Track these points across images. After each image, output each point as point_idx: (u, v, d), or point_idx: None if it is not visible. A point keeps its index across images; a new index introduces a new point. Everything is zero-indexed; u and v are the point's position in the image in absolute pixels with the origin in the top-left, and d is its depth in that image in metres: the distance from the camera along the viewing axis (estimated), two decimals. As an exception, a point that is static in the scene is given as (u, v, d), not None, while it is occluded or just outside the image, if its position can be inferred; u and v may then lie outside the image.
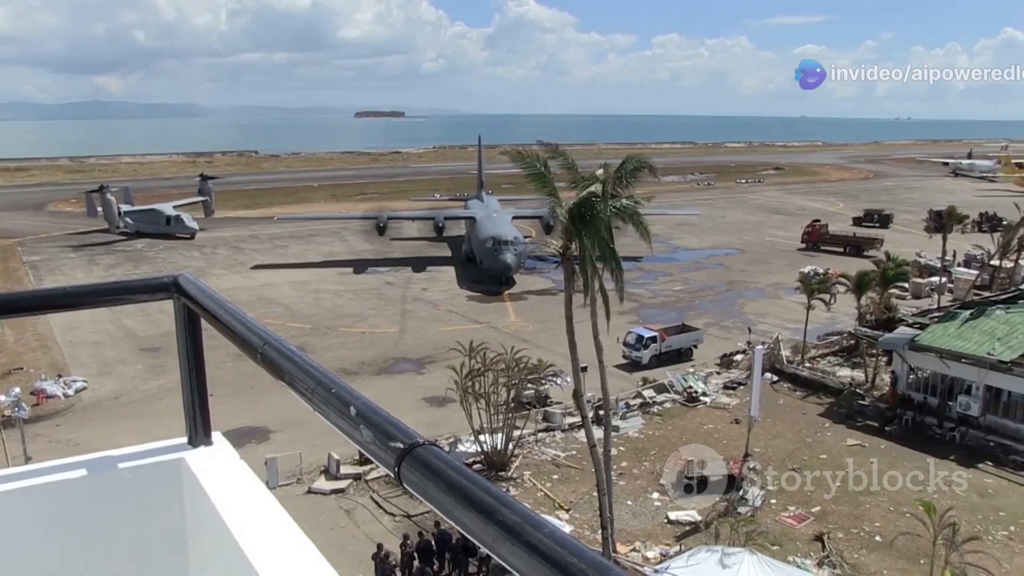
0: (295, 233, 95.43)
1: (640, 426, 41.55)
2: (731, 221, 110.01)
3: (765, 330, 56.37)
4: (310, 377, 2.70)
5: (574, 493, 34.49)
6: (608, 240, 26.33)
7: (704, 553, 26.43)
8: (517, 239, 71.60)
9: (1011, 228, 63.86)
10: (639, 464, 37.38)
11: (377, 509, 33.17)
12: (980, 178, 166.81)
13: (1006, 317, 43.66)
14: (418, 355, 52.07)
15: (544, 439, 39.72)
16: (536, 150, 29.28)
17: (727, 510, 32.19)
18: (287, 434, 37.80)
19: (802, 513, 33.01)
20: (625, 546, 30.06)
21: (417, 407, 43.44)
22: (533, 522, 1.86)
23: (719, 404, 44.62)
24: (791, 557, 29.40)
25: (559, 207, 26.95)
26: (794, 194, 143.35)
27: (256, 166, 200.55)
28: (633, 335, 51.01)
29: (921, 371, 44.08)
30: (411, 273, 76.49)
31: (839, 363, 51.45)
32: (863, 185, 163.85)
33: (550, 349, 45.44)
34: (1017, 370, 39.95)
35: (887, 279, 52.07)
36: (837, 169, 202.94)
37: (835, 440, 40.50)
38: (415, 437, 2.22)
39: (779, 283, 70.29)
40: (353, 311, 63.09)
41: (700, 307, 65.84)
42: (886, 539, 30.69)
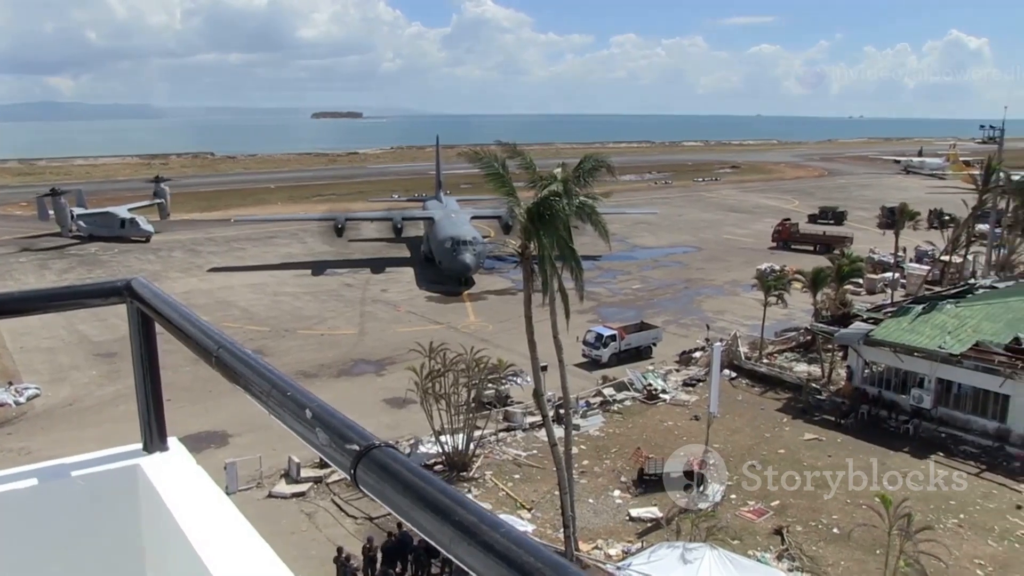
0: (252, 235, 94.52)
1: (601, 424, 41.72)
2: (689, 219, 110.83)
3: (723, 327, 56.89)
4: (265, 380, 2.67)
5: (536, 492, 34.53)
6: (567, 239, 26.40)
7: (665, 549, 26.63)
8: (476, 239, 71.58)
9: (960, 224, 65.06)
10: (600, 462, 37.53)
11: (338, 512, 32.97)
12: (930, 175, 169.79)
13: (956, 311, 44.50)
14: (378, 356, 51.83)
15: (505, 439, 39.74)
16: (494, 150, 29.28)
17: (688, 506, 32.41)
18: (246, 438, 37.43)
19: (761, 507, 33.34)
20: (587, 544, 30.16)
21: (378, 409, 43.24)
22: (489, 522, 1.86)
23: (679, 401, 44.93)
24: (751, 551, 29.68)
25: (518, 207, 26.97)
26: (750, 192, 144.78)
27: (212, 168, 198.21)
28: (593, 334, 51.19)
29: (876, 365, 44.74)
30: (370, 274, 76.11)
31: (796, 359, 52.08)
32: (818, 183, 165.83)
33: (510, 349, 45.47)
34: (966, 363, 40.71)
35: (842, 275, 52.77)
36: (792, 167, 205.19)
37: (793, 435, 40.96)
38: (371, 439, 2.20)
39: (736, 280, 70.95)
40: (312, 313, 62.65)
41: (659, 305, 66.23)
42: (844, 531, 31.11)
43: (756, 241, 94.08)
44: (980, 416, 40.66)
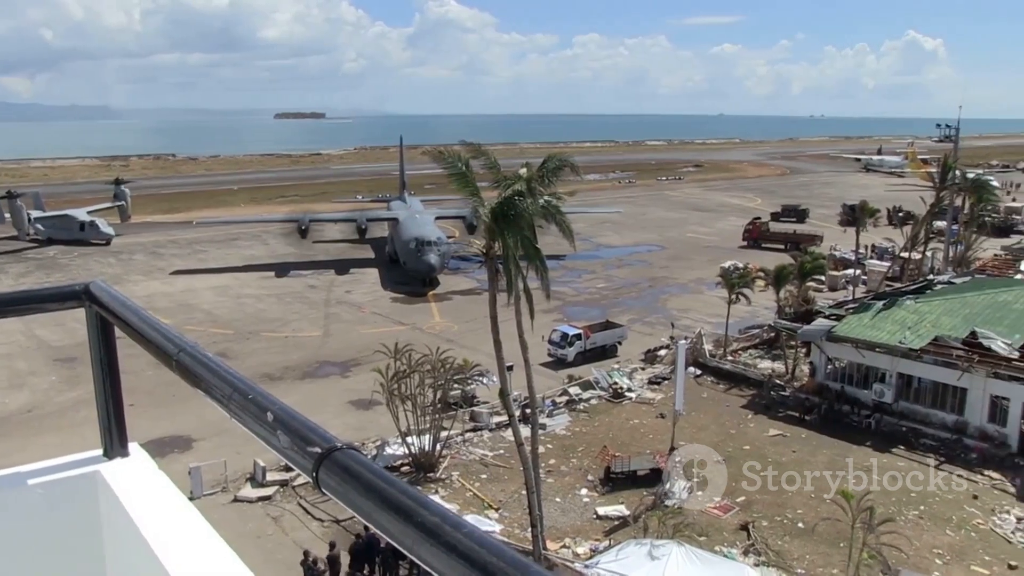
0: (215, 237, 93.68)
1: (567, 423, 41.83)
2: (653, 218, 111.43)
3: (688, 325, 57.26)
4: (226, 383, 2.65)
5: (503, 492, 34.54)
6: (531, 239, 26.44)
7: (633, 547, 26.74)
8: (440, 239, 71.48)
9: (918, 221, 66.00)
10: (567, 461, 37.63)
11: (305, 515, 32.76)
12: (890, 173, 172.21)
13: (915, 307, 45.16)
14: (343, 358, 51.58)
15: (472, 439, 39.71)
16: (458, 150, 29.25)
17: (655, 503, 32.59)
18: (211, 442, 37.08)
19: (727, 503, 33.58)
20: (555, 543, 30.22)
21: (343, 410, 43.05)
22: (452, 522, 1.86)
23: (644, 399, 45.14)
24: (718, 547, 29.90)
25: (482, 207, 26.96)
26: (714, 191, 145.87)
27: (174, 169, 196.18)
28: (558, 333, 51.30)
29: (838, 361, 45.26)
30: (334, 275, 75.73)
31: (760, 355, 52.54)
32: (780, 181, 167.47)
33: (476, 349, 45.44)
34: (926, 357, 41.32)
35: (804, 272, 53.31)
36: (755, 166, 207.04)
37: (758, 431, 41.32)
38: (333, 441, 2.19)
39: (700, 278, 71.42)
40: (276, 315, 62.22)
41: (624, 304, 66.53)
42: (808, 525, 31.44)
43: (720, 239, 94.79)
44: (939, 409, 41.29)
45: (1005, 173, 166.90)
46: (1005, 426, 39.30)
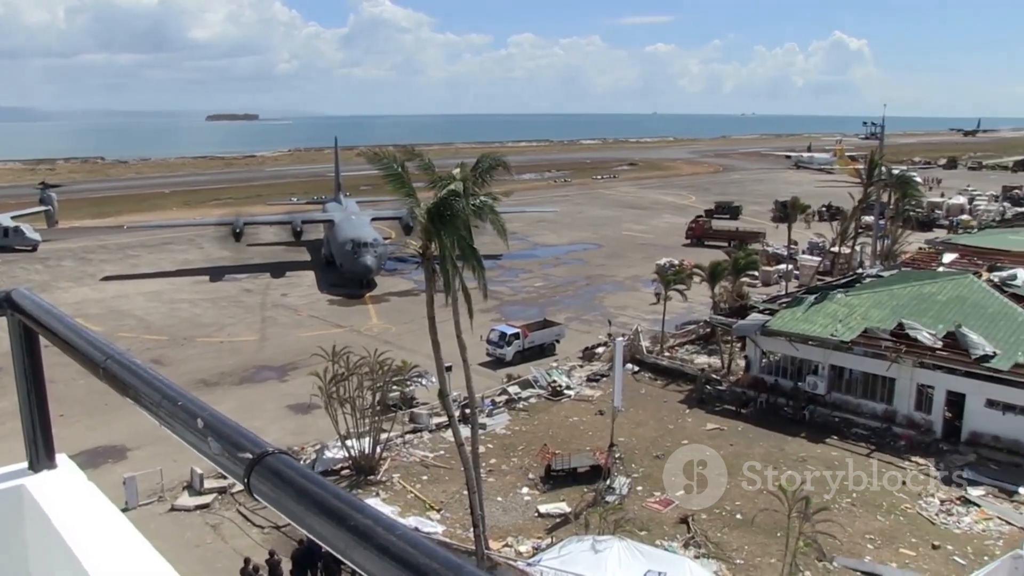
0: (147, 242, 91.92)
1: (507, 422, 41.90)
2: (588, 217, 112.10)
3: (625, 322, 57.76)
4: (155, 390, 2.63)
5: (444, 493, 34.48)
6: (467, 239, 26.43)
7: (575, 543, 26.90)
8: (377, 241, 71.12)
9: (847, 217, 67.45)
10: (507, 460, 37.70)
11: (244, 522, 32.30)
12: (819, 170, 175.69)
13: (846, 300, 46.16)
14: (280, 362, 51.00)
15: (412, 440, 39.57)
16: (393, 151, 29.13)
17: (595, 500, 32.81)
18: (147, 451, 36.32)
19: (667, 498, 33.95)
20: (497, 542, 30.25)
21: (282, 415, 42.59)
22: (385, 524, 1.87)
23: (583, 397, 45.42)
24: (659, 541, 30.22)
25: (418, 207, 26.88)
26: (648, 189, 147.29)
27: (103, 172, 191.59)
28: (496, 332, 51.38)
29: (773, 355, 46.07)
30: (270, 279, 74.86)
31: (697, 351, 53.22)
32: (713, 178, 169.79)
33: (414, 350, 45.26)
34: (856, 349, 42.28)
35: (738, 268, 54.14)
36: (688, 164, 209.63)
37: (696, 425, 41.85)
38: (264, 446, 2.19)
39: (637, 276, 72.06)
40: (211, 320, 61.28)
41: (561, 302, 66.86)
42: (746, 517, 31.95)
43: (655, 237, 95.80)
44: (869, 399, 42.33)
45: (927, 169, 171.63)
46: (930, 414, 40.47)
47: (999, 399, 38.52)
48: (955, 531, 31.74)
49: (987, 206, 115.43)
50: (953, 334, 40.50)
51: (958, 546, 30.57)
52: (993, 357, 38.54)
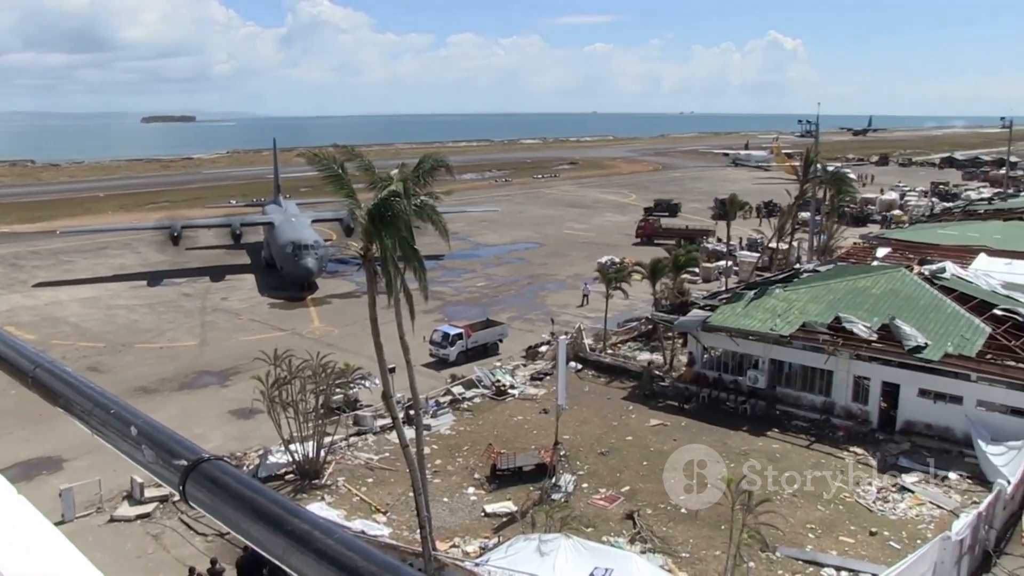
0: (81, 247, 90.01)
1: (451, 423, 41.85)
2: (530, 216, 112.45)
3: (567, 320, 58.06)
4: (87, 398, 2.58)
5: (390, 495, 34.32)
6: (409, 240, 26.33)
7: (522, 542, 26.94)
8: (317, 243, 70.61)
9: (784, 213, 68.54)
10: (453, 461, 37.66)
11: (187, 531, 31.72)
12: (756, 167, 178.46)
13: (784, 295, 46.94)
14: (221, 367, 50.35)
15: (356, 443, 39.32)
16: (332, 152, 28.91)
17: (541, 498, 32.90)
18: (84, 461, 35.55)
19: (613, 494, 34.21)
20: (444, 543, 30.19)
21: (223, 421, 42.07)
22: (322, 528, 1.87)
23: (527, 395, 45.55)
24: (605, 537, 30.42)
25: (358, 209, 26.70)
26: (589, 187, 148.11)
27: (33, 176, 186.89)
28: (439, 333, 51.31)
29: (714, 350, 46.65)
30: (209, 283, 73.84)
31: (639, 348, 53.66)
32: (653, 177, 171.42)
33: (357, 352, 45.00)
34: (795, 343, 43.03)
35: (679, 265, 54.63)
36: (628, 162, 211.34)
37: (639, 422, 42.19)
38: (200, 453, 2.17)
39: (578, 274, 72.41)
40: (149, 326, 60.23)
41: (504, 301, 66.99)
42: (691, 510, 32.32)
43: (597, 235, 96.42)
44: (809, 392, 43.08)
45: (860, 166, 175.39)
46: (867, 404, 41.36)
47: (930, 388, 39.52)
48: (891, 517, 32.51)
49: (917, 202, 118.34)
50: (887, 326, 41.43)
51: (894, 532, 31.33)
52: (925, 348, 39.52)
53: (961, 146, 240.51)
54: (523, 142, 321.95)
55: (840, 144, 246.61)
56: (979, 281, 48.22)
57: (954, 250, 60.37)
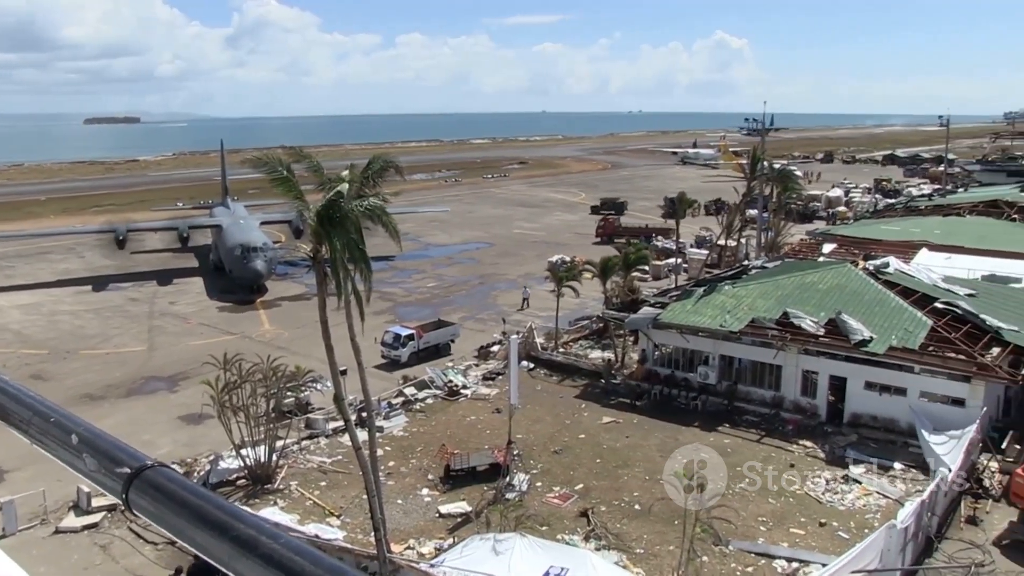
0: (23, 252, 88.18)
1: (404, 424, 41.72)
2: (480, 216, 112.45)
3: (519, 320, 58.20)
4: (25, 407, 2.51)
5: (343, 498, 34.12)
6: (358, 241, 26.18)
7: (477, 542, 26.94)
8: (266, 245, 69.97)
9: (732, 211, 69.34)
10: (406, 462, 37.54)
11: (137, 540, 31.19)
12: (704, 165, 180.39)
13: (733, 291, 47.45)
14: (170, 372, 49.67)
15: (309, 447, 39.02)
16: (279, 154, 28.67)
17: (496, 498, 32.95)
18: (27, 472, 34.81)
19: (566, 492, 34.35)
20: (399, 545, 30.10)
21: (173, 427, 41.51)
22: (269, 533, 1.86)
23: (480, 395, 45.56)
24: (560, 535, 30.54)
25: (307, 210, 26.51)
26: (539, 187, 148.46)
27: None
28: (391, 334, 51.13)
29: (665, 347, 47.04)
30: (157, 287, 72.81)
31: (590, 346, 53.93)
32: (602, 175, 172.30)
33: (308, 355, 44.68)
34: (745, 338, 43.54)
35: (629, 263, 54.99)
36: (578, 161, 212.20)
37: (592, 419, 42.41)
38: (143, 459, 2.14)
39: (530, 273, 72.60)
40: (95, 332, 59.19)
41: (455, 302, 66.94)
42: (644, 507, 32.62)
43: (547, 235, 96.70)
44: (758, 387, 43.66)
45: (806, 164, 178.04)
46: (815, 398, 42.05)
47: (876, 381, 40.30)
48: (840, 508, 33.09)
49: (861, 198, 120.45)
50: (834, 321, 42.09)
51: (842, 522, 31.89)
52: (870, 342, 40.22)
53: (902, 144, 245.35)
54: (473, 142, 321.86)
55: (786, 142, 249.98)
56: (921, 275, 49.17)
57: (897, 245, 61.57)
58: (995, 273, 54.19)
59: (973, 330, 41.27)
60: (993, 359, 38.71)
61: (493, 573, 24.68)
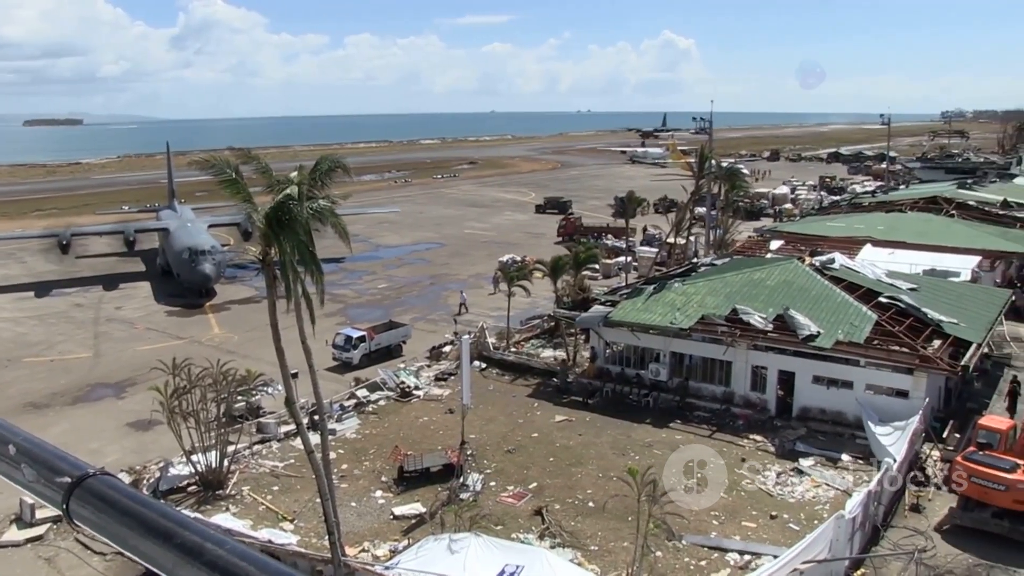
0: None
1: (356, 426, 41.52)
2: (430, 216, 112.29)
3: (470, 320, 58.21)
4: None
5: (296, 502, 33.86)
6: (307, 243, 26.00)
7: (432, 543, 26.90)
8: (215, 248, 69.25)
9: (681, 209, 69.98)
10: (359, 464, 37.35)
11: (84, 551, 30.57)
12: (653, 164, 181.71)
13: (683, 289, 47.89)
14: (117, 379, 48.88)
15: (260, 451, 38.64)
16: (227, 156, 28.37)
17: (450, 498, 32.92)
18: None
19: (520, 491, 34.43)
20: (353, 548, 29.94)
21: (121, 434, 40.86)
22: (214, 540, 1.85)
23: (432, 396, 45.47)
24: (515, 534, 30.59)
25: (255, 213, 26.26)
26: (489, 187, 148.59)
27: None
28: (342, 336, 50.89)
29: (616, 345, 47.37)
30: (103, 292, 71.60)
31: (542, 345, 54.08)
32: (552, 175, 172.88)
33: (258, 358, 44.28)
34: (695, 335, 44.00)
35: (579, 262, 55.22)
36: (527, 161, 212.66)
37: (544, 418, 42.54)
38: (84, 468, 2.09)
39: (480, 273, 72.67)
40: (38, 339, 58.02)
41: (406, 303, 66.79)
42: (598, 504, 32.79)
43: (497, 234, 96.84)
44: (709, 383, 44.15)
45: (752, 162, 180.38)
46: (765, 393, 42.64)
47: (824, 375, 41.00)
48: (790, 500, 33.60)
49: (807, 195, 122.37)
50: (782, 316, 42.70)
51: (793, 514, 32.38)
52: (817, 336, 40.89)
53: (846, 142, 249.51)
54: (423, 142, 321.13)
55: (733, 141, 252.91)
56: (865, 271, 50.12)
57: (842, 241, 62.75)
58: (935, 267, 55.53)
59: (916, 323, 42.18)
60: (935, 351, 39.63)
61: (448, 573, 24.67)
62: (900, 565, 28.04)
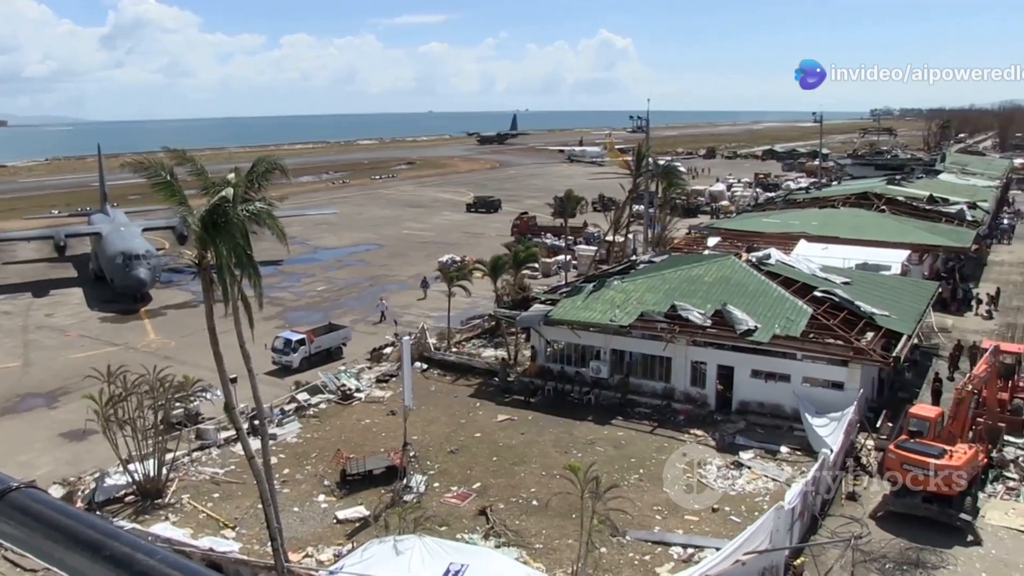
0: None
1: (298, 430, 41.09)
2: (369, 217, 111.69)
3: (411, 321, 57.99)
4: None
5: (238, 509, 33.39)
6: (245, 246, 25.64)
7: (376, 546, 26.77)
8: (149, 252, 68.12)
9: (619, 207, 70.56)
10: (301, 469, 36.98)
11: (13, 569, 29.74)
12: (591, 163, 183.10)
13: (622, 286, 48.28)
14: (49, 388, 47.66)
15: (200, 458, 38.03)
16: (161, 158, 27.85)
17: (393, 500, 32.77)
18: None
19: (464, 491, 34.40)
20: (297, 553, 29.65)
21: (54, 445, 39.87)
22: (144, 550, 1.81)
23: (374, 398, 45.21)
24: (459, 534, 30.55)
25: (190, 216, 25.83)
26: (427, 187, 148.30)
27: None
28: (281, 340, 50.35)
29: (556, 343, 47.58)
30: (32, 299, 69.80)
31: (483, 344, 54.13)
32: (490, 175, 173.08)
33: (196, 364, 43.54)
34: (635, 332, 44.40)
35: (519, 261, 55.39)
36: (465, 160, 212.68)
37: (487, 418, 42.56)
38: (7, 482, 2.03)
39: (420, 274, 72.37)
40: (-37, 348, 56.37)
41: (346, 304, 66.32)
42: (542, 502, 32.88)
43: (436, 235, 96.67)
44: (649, 379, 44.57)
45: (689, 159, 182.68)
46: (704, 388, 43.20)
47: (762, 369, 41.67)
48: (731, 493, 34.08)
49: (743, 192, 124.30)
50: (720, 312, 43.26)
51: (734, 506, 32.84)
52: (755, 331, 41.54)
53: (780, 139, 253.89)
54: (360, 143, 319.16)
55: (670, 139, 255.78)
56: (800, 266, 51.05)
57: (777, 237, 63.87)
58: (867, 262, 56.89)
59: (849, 316, 43.10)
60: (868, 343, 40.54)
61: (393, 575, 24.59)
62: (837, 552, 28.64)
